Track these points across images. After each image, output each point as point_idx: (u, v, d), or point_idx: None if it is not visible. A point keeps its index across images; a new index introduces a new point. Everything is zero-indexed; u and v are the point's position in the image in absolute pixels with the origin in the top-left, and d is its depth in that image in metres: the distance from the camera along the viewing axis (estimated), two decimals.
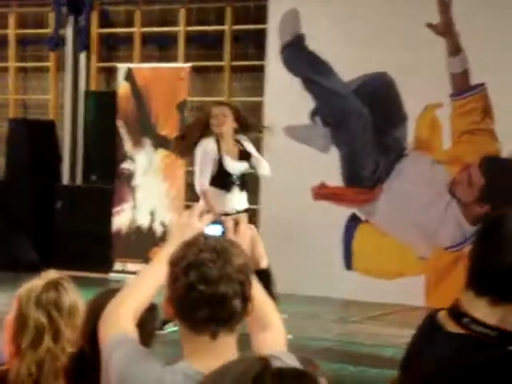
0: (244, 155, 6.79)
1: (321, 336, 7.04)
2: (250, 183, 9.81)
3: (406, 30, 8.54)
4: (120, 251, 9.50)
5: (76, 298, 2.57)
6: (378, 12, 8.69)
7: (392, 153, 8.71)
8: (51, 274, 2.64)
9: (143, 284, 2.02)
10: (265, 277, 5.46)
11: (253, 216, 9.62)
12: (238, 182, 6.74)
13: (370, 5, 8.73)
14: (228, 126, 6.69)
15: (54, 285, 2.58)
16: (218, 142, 6.71)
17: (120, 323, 1.93)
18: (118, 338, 1.91)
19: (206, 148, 6.69)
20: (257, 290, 1.96)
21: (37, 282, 2.61)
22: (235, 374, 1.32)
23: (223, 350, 1.81)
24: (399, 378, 1.86)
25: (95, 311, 2.20)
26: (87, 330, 2.22)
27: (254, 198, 9.63)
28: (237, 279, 1.80)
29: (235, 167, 6.72)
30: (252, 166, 6.80)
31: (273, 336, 2.01)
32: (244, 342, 1.94)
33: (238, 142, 6.85)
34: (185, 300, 1.80)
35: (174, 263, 1.84)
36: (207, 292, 1.78)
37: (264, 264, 6.14)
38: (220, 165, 6.69)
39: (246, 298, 1.82)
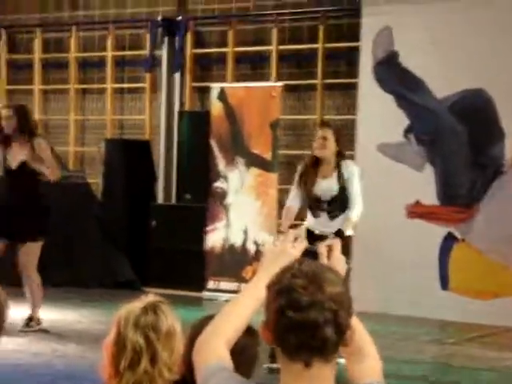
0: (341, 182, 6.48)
1: (416, 358, 6.90)
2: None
3: (503, 45, 8.36)
4: (213, 270, 9.57)
5: (174, 322, 2.59)
6: (472, 28, 8.54)
7: (489, 170, 8.53)
8: (150, 297, 2.67)
9: (236, 311, 2.01)
10: None
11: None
12: (325, 208, 6.50)
13: (466, 20, 8.59)
14: (329, 149, 6.51)
15: (153, 308, 2.60)
16: (317, 164, 6.52)
17: (214, 352, 1.93)
18: (213, 367, 1.90)
19: (298, 170, 6.61)
20: (354, 320, 1.92)
21: (136, 305, 2.63)
22: None
23: (319, 380, 1.78)
24: None
25: (195, 339, 2.21)
26: (189, 358, 2.22)
27: None
28: (329, 307, 1.76)
29: (323, 191, 6.47)
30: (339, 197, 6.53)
31: (370, 366, 1.97)
32: None
33: (338, 167, 6.49)
34: (276, 326, 1.79)
35: (269, 287, 1.83)
36: (296, 318, 1.76)
37: None
38: (308, 191, 6.48)
39: (340, 327, 1.78)
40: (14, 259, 7.21)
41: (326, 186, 6.47)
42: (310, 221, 6.55)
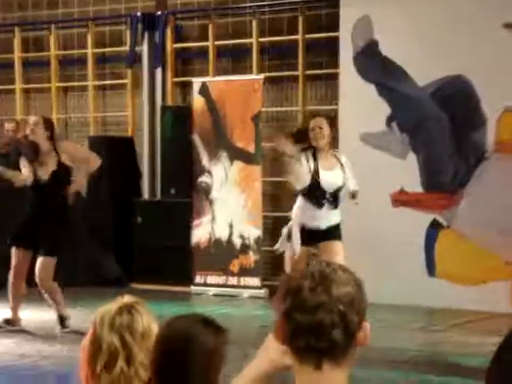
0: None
1: (404, 345, 6.92)
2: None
3: (483, 31, 8.36)
4: (200, 264, 9.56)
5: (150, 322, 2.58)
6: (452, 13, 8.54)
7: (472, 156, 8.54)
8: (126, 298, 2.66)
9: (251, 371, 1.97)
10: None
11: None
12: (330, 199, 6.61)
13: (444, 6, 8.59)
14: (326, 138, 6.61)
15: (128, 308, 2.60)
16: (315, 155, 6.60)
17: None
18: None
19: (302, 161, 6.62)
20: None
21: (111, 306, 2.63)
22: None
23: (330, 383, 1.75)
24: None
25: (165, 342, 2.20)
26: (156, 362, 2.22)
27: None
28: (336, 309, 1.73)
29: (329, 184, 6.60)
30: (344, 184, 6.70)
31: None
32: None
33: (336, 156, 6.74)
34: (285, 327, 1.76)
35: (278, 289, 1.81)
36: (303, 321, 1.73)
37: None
38: (314, 180, 6.58)
39: (349, 329, 1.74)
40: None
41: (333, 179, 6.53)
42: (306, 214, 6.53)
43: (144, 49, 10.70)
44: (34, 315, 8.02)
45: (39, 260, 7.00)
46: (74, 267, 9.81)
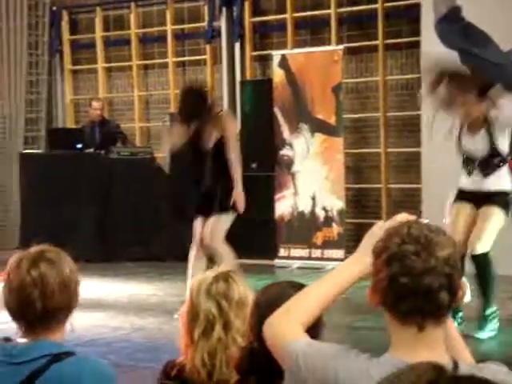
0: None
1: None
2: (410, 162, 9.67)
3: None
4: (284, 237, 9.59)
5: (245, 290, 2.61)
6: None
7: None
8: (223, 267, 2.70)
9: (315, 294, 1.98)
10: None
11: (414, 195, 9.47)
12: (477, 165, 6.09)
13: None
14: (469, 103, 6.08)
15: (224, 277, 2.63)
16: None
17: (292, 333, 1.91)
18: (300, 343, 1.89)
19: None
20: (452, 326, 1.95)
21: (208, 274, 2.67)
22: (407, 380, 1.28)
23: (431, 343, 1.78)
24: None
25: (263, 307, 2.22)
26: (255, 326, 2.24)
27: (415, 177, 9.46)
28: (442, 271, 1.75)
29: (472, 151, 6.13)
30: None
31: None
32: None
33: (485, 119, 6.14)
34: (388, 292, 1.77)
35: (376, 254, 1.81)
36: (411, 285, 1.74)
37: None
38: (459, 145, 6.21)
39: (453, 290, 1.77)
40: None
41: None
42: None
43: (222, 24, 10.71)
44: (125, 289, 8.21)
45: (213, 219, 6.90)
46: (160, 244, 9.97)
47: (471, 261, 6.04)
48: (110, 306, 7.36)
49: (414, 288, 1.75)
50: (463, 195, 6.26)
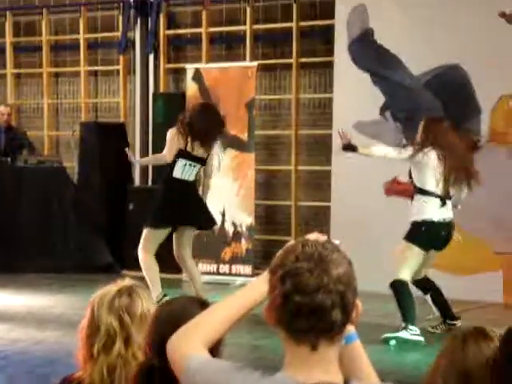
0: None
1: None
2: (320, 180, 9.76)
3: (478, 20, 8.33)
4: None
5: (149, 305, 2.55)
6: (447, 2, 8.50)
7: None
8: (126, 281, 2.63)
9: (221, 312, 1.94)
10: None
11: (323, 213, 9.56)
12: None
13: None
14: None
15: (128, 291, 2.57)
16: None
17: (193, 349, 1.87)
18: (199, 359, 1.85)
19: None
20: (359, 346, 1.94)
21: (110, 288, 2.60)
22: None
23: (325, 362, 1.75)
24: None
25: (163, 323, 2.17)
26: (154, 342, 2.18)
27: (325, 195, 9.56)
28: (335, 289, 1.73)
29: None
30: None
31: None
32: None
33: None
34: (282, 310, 1.75)
35: (272, 272, 1.79)
36: (303, 303, 1.72)
37: None
38: None
39: (347, 308, 1.75)
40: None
41: None
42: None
43: (136, 35, 10.63)
44: (26, 300, 8.00)
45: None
46: (65, 254, 9.78)
47: None
48: (10, 318, 7.16)
49: (307, 306, 1.72)
50: None
